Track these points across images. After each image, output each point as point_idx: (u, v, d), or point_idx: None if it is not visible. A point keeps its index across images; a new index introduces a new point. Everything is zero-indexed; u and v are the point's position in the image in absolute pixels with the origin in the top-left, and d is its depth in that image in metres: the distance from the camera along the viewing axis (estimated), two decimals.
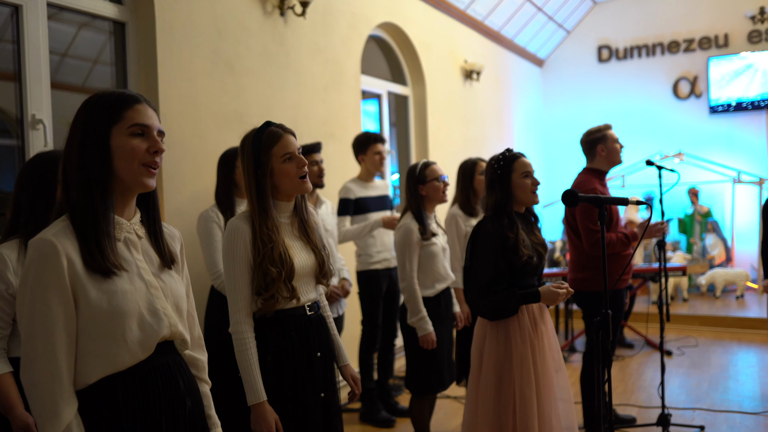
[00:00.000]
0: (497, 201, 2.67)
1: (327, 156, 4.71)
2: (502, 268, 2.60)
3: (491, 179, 2.70)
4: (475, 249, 2.65)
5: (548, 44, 9.50)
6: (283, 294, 2.07)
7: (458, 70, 6.98)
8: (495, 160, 2.71)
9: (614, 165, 3.88)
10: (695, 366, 5.49)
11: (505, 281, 2.62)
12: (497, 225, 2.62)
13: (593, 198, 2.50)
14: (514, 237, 2.61)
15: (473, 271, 2.65)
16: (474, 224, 3.97)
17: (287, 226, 2.17)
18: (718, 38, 8.81)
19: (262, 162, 2.09)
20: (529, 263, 2.63)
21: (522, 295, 2.61)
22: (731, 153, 8.66)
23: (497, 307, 2.59)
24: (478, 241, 2.65)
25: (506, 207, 2.66)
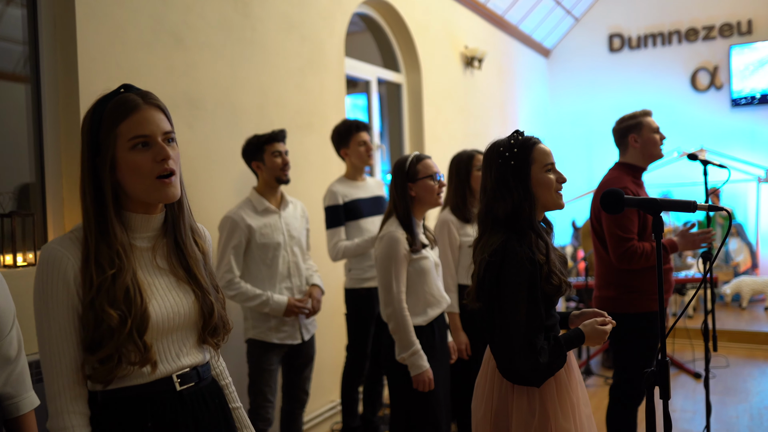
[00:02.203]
0: (516, 207, 1.92)
1: (305, 150, 4.00)
2: (541, 313, 1.87)
3: (502, 174, 1.95)
4: (503, 289, 1.86)
5: (555, 32, 8.78)
6: (130, 356, 1.31)
7: (458, 57, 6.27)
8: (505, 146, 1.96)
9: (652, 160, 3.17)
10: (730, 392, 4.77)
11: (543, 327, 1.90)
12: (525, 249, 1.88)
13: (645, 202, 1.79)
14: (545, 260, 1.89)
15: (502, 325, 1.86)
16: (471, 233, 3.27)
17: (146, 252, 1.41)
18: (740, 25, 8.09)
19: (102, 146, 1.35)
20: (561, 293, 1.91)
21: (566, 342, 1.90)
22: (755, 149, 7.95)
23: (548, 370, 1.85)
24: (505, 276, 1.85)
25: (529, 216, 1.92)
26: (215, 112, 3.36)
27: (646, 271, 3.06)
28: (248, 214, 3.02)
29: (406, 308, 2.54)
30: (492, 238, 1.91)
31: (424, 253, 2.62)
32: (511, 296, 1.84)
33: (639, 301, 3.07)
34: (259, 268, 3.03)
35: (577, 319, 2.06)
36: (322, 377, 4.07)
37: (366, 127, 3.65)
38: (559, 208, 1.98)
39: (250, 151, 3.12)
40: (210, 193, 3.34)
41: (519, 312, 1.82)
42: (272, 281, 3.04)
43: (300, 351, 3.19)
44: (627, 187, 3.03)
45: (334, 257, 3.52)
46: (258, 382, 3.06)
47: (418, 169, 2.64)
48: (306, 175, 4.00)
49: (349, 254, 3.50)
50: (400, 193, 2.63)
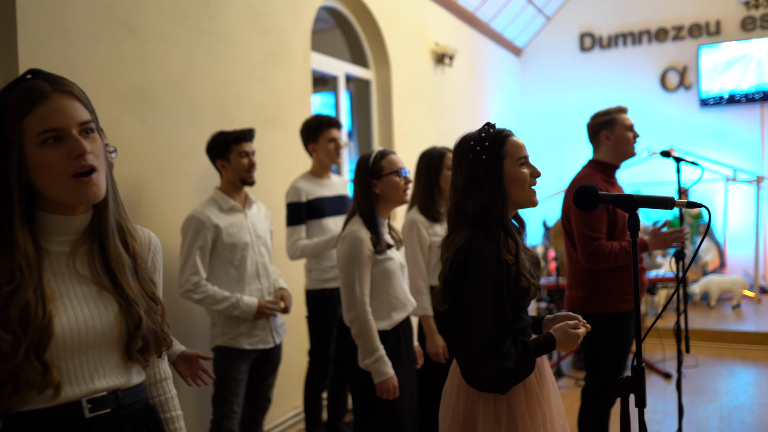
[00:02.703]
0: (486, 204, 1.80)
1: (268, 147, 3.85)
2: (507, 316, 1.75)
3: (473, 170, 1.82)
4: (466, 288, 1.73)
5: (527, 31, 8.73)
6: (29, 378, 1.13)
7: (428, 53, 6.16)
8: (476, 140, 1.83)
9: (625, 158, 3.09)
10: (700, 392, 4.74)
11: (510, 331, 1.78)
12: (492, 247, 1.75)
13: (621, 198, 1.69)
14: (514, 261, 1.77)
15: (465, 326, 1.74)
16: (440, 233, 3.15)
17: (62, 257, 1.24)
18: (709, 25, 8.12)
19: (7, 144, 1.18)
20: (530, 296, 1.80)
21: (536, 347, 1.77)
22: (723, 149, 7.99)
23: (513, 376, 1.72)
24: (469, 274, 1.73)
25: (501, 213, 1.80)
26: (171, 106, 3.20)
27: (616, 271, 2.98)
28: (214, 213, 2.88)
29: (369, 312, 2.41)
30: (459, 235, 1.79)
31: (389, 254, 2.49)
32: (474, 296, 1.71)
33: (609, 301, 3.00)
34: (227, 270, 2.88)
35: (550, 323, 1.95)
36: (285, 383, 3.92)
37: (338, 124, 3.52)
38: (533, 205, 1.87)
39: (215, 149, 2.96)
40: (167, 192, 3.17)
41: (483, 313, 1.70)
42: (241, 283, 2.89)
43: (269, 356, 3.04)
44: (598, 185, 2.94)
45: (291, 256, 3.39)
46: (224, 391, 2.88)
47: (382, 165, 2.52)
48: (269, 173, 3.85)
49: (307, 254, 3.36)
50: (363, 190, 2.51)
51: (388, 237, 2.58)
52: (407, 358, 2.56)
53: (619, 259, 2.94)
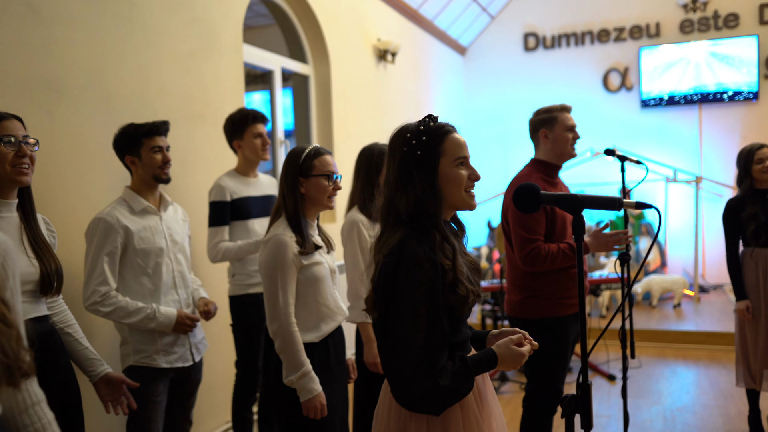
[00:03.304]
0: (419, 203, 1.61)
1: (194, 144, 3.59)
2: (443, 327, 1.56)
3: (406, 165, 1.63)
4: (398, 295, 1.54)
5: (471, 30, 8.65)
6: None
7: (370, 49, 5.98)
8: (413, 133, 1.64)
9: (564, 158, 2.97)
10: (643, 394, 4.69)
11: (447, 344, 1.59)
12: (426, 249, 1.56)
13: (564, 198, 1.53)
14: (451, 265, 1.59)
15: (395, 338, 1.54)
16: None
17: None
18: (649, 27, 8.20)
19: None
20: (468, 305, 1.62)
21: (475, 364, 1.59)
22: (664, 150, 8.07)
23: (449, 396, 1.53)
24: (401, 279, 1.53)
25: (434, 214, 1.62)
26: (82, 98, 2.91)
27: (554, 274, 2.86)
28: (124, 215, 2.54)
29: (294, 323, 2.20)
30: (391, 236, 1.61)
31: (317, 258, 2.29)
32: (407, 304, 1.52)
33: (547, 305, 2.88)
34: (139, 280, 2.55)
35: (495, 339, 1.78)
36: (213, 397, 3.67)
37: (263, 119, 3.29)
38: (470, 208, 1.69)
39: (124, 143, 2.61)
40: (77, 194, 2.88)
41: (416, 323, 1.52)
42: (155, 294, 2.57)
43: (188, 376, 2.71)
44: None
45: (213, 258, 3.14)
46: (141, 416, 2.53)
47: (314, 164, 2.30)
48: (196, 171, 3.59)
49: (229, 257, 3.13)
50: (290, 188, 2.29)
51: (317, 239, 2.37)
52: (338, 373, 2.36)
53: (557, 262, 2.82)
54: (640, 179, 3.02)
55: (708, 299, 7.39)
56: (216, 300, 3.59)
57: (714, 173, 7.93)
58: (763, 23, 7.76)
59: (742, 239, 3.72)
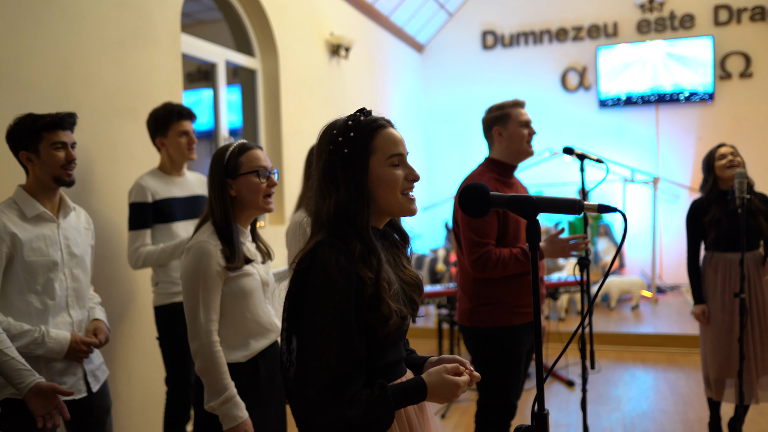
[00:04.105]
0: (341, 207, 1.40)
1: (124, 141, 3.31)
2: (355, 347, 1.34)
3: (331, 165, 1.42)
4: (305, 307, 1.34)
5: (429, 27, 8.47)
6: None
7: (322, 43, 5.73)
8: (340, 129, 1.43)
9: (520, 157, 2.78)
10: (603, 400, 4.56)
11: (363, 369, 1.37)
12: (341, 257, 1.34)
13: (517, 200, 1.33)
14: (374, 279, 1.37)
15: (300, 358, 1.33)
16: None
17: None
18: (607, 27, 8.15)
19: None
20: (389, 328, 1.39)
21: (397, 393, 1.36)
22: (621, 150, 8.02)
23: (358, 429, 1.30)
24: (310, 291, 1.33)
25: (357, 220, 1.40)
26: None
27: (506, 281, 2.67)
28: (13, 221, 2.16)
29: (217, 342, 1.95)
30: (310, 243, 1.40)
31: (247, 269, 2.04)
32: (313, 319, 1.31)
33: (499, 314, 2.68)
34: (26, 297, 2.17)
35: (432, 366, 1.56)
36: (148, 415, 3.37)
37: (190, 116, 3.02)
38: (408, 214, 1.47)
39: (19, 137, 2.23)
40: None
41: (322, 342, 1.30)
42: (44, 316, 2.20)
43: (89, 408, 2.33)
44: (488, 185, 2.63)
45: (133, 264, 2.86)
46: None
47: (240, 161, 2.05)
48: (125, 169, 3.30)
49: (151, 262, 2.85)
50: (217, 192, 2.04)
51: (251, 248, 2.13)
52: (271, 396, 2.11)
53: (508, 268, 2.63)
54: (599, 179, 2.85)
55: (665, 300, 7.35)
56: (139, 309, 3.31)
57: (671, 174, 7.91)
58: (717, 24, 7.77)
59: (704, 243, 3.60)
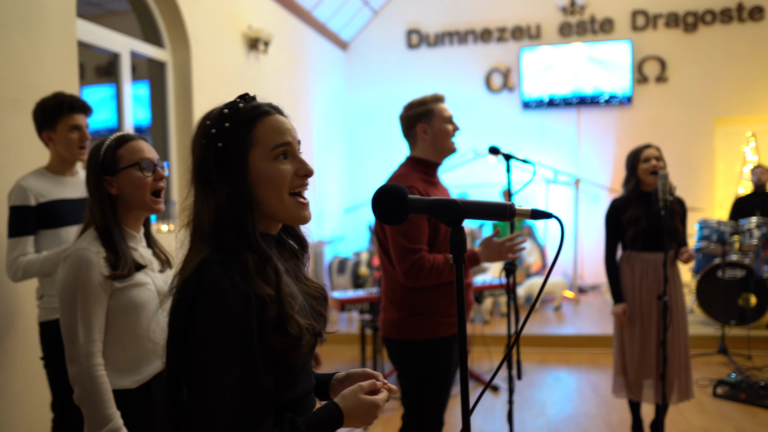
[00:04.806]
0: (221, 212, 1.17)
1: (8, 136, 2.96)
2: (260, 382, 1.13)
3: (204, 161, 1.19)
4: (194, 343, 1.10)
5: (353, 24, 8.28)
6: None
7: (239, 36, 5.44)
8: (214, 119, 1.21)
9: (445, 154, 2.62)
10: (527, 404, 4.49)
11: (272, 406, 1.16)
12: (235, 277, 1.11)
13: (441, 205, 1.15)
14: (275, 296, 1.15)
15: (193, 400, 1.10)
16: None
17: None
18: (530, 29, 8.19)
19: None
20: (300, 348, 1.18)
21: (310, 428, 1.17)
22: (544, 151, 8.08)
23: None
24: (198, 322, 1.10)
25: (244, 226, 1.17)
26: None
27: (437, 289, 2.49)
28: None
29: (100, 366, 1.68)
30: (190, 261, 1.16)
31: (138, 279, 1.77)
32: (208, 358, 1.09)
33: (427, 325, 2.51)
34: None
35: (341, 384, 1.37)
36: None
37: (84, 109, 2.69)
38: (300, 221, 1.25)
39: None
40: None
41: (223, 385, 1.09)
42: None
43: None
44: (414, 186, 2.45)
45: (13, 276, 2.53)
46: None
47: (119, 155, 1.79)
48: (9, 168, 2.95)
49: (33, 272, 2.52)
50: (94, 192, 1.77)
51: (145, 254, 1.86)
52: (166, 427, 1.86)
53: (443, 275, 2.46)
54: (523, 180, 2.73)
55: (587, 300, 7.43)
56: (24, 325, 2.97)
57: (591, 175, 8.02)
58: (635, 29, 7.94)
59: (622, 242, 3.57)
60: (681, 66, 7.87)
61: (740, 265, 5.54)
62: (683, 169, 7.25)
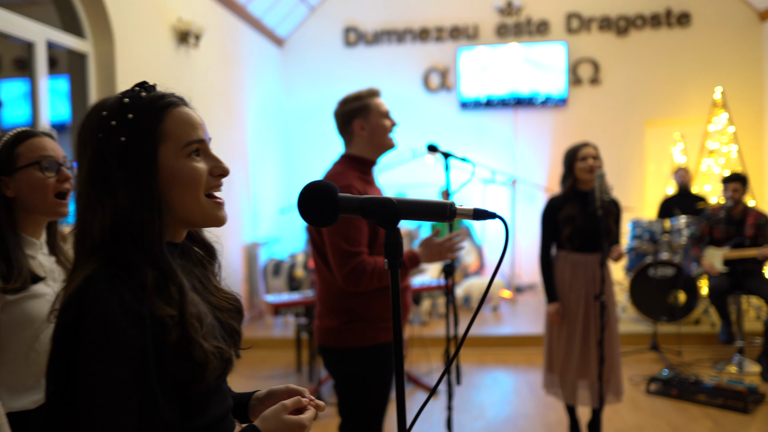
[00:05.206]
0: (118, 220, 1.02)
1: None
2: (161, 414, 0.98)
3: (101, 159, 1.03)
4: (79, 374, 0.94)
5: (289, 20, 8.10)
6: None
7: (168, 29, 5.19)
8: (111, 109, 1.05)
9: (383, 151, 2.52)
10: (466, 407, 4.44)
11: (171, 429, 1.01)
12: (125, 296, 0.96)
13: (375, 205, 1.04)
14: (177, 318, 1.00)
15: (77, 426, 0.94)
16: None
17: None
18: (468, 29, 8.19)
19: None
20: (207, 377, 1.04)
21: None
22: (482, 151, 8.09)
23: None
24: (83, 350, 0.93)
25: (145, 235, 1.02)
26: None
27: (377, 294, 2.38)
28: None
29: None
30: (75, 278, 1.00)
31: (35, 290, 1.59)
32: (94, 389, 0.94)
33: (367, 331, 2.39)
34: None
35: (261, 404, 1.24)
36: None
37: None
38: (216, 223, 1.12)
39: None
40: None
41: (114, 421, 0.94)
42: None
43: None
44: (352, 185, 2.33)
45: None
46: None
47: (17, 153, 1.61)
48: None
49: None
50: None
51: (45, 263, 1.68)
52: None
53: (384, 279, 2.35)
54: (462, 180, 2.66)
55: (524, 299, 7.49)
56: None
57: (528, 175, 8.10)
58: (570, 32, 8.05)
59: (557, 241, 3.55)
60: (614, 69, 8.03)
61: (670, 263, 5.67)
62: (615, 170, 7.38)
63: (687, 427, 3.95)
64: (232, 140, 6.55)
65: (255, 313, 6.90)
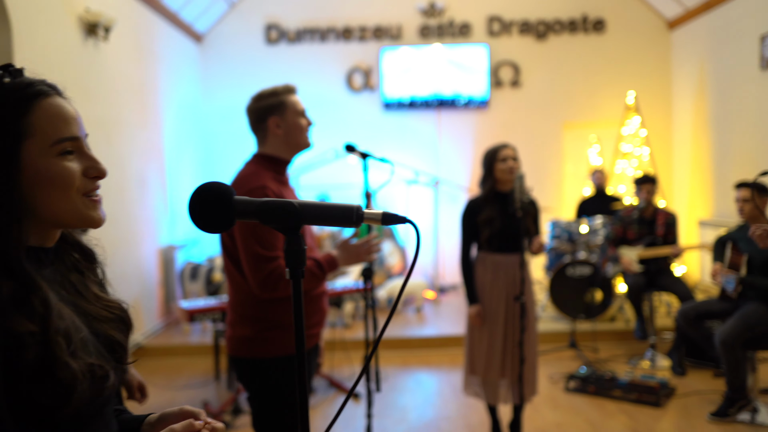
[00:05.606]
0: None
1: None
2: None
3: None
4: None
5: (208, 15, 7.84)
6: None
7: (74, 19, 4.89)
8: None
9: (298, 150, 2.42)
10: (388, 410, 4.38)
11: None
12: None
13: (272, 209, 0.94)
14: (39, 333, 0.88)
15: None
16: None
17: None
18: (391, 29, 8.17)
19: None
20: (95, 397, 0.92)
21: None
22: (405, 152, 8.08)
23: None
24: None
25: (2, 243, 0.89)
26: None
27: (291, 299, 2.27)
28: None
29: None
30: None
31: None
32: None
33: (285, 339, 2.28)
34: None
35: (153, 429, 1.12)
36: None
37: None
38: (92, 225, 1.00)
39: None
40: None
41: None
42: None
43: None
44: (266, 186, 2.22)
45: None
46: None
47: None
48: None
49: None
50: None
51: None
52: None
53: (309, 283, 2.25)
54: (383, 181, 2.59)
55: (447, 300, 7.52)
56: None
57: (451, 176, 8.15)
58: (491, 34, 8.16)
59: (477, 243, 3.55)
60: (533, 72, 8.20)
61: (587, 263, 5.81)
62: (535, 171, 7.53)
63: (604, 422, 4.03)
64: (147, 139, 6.26)
65: (171, 319, 6.62)
